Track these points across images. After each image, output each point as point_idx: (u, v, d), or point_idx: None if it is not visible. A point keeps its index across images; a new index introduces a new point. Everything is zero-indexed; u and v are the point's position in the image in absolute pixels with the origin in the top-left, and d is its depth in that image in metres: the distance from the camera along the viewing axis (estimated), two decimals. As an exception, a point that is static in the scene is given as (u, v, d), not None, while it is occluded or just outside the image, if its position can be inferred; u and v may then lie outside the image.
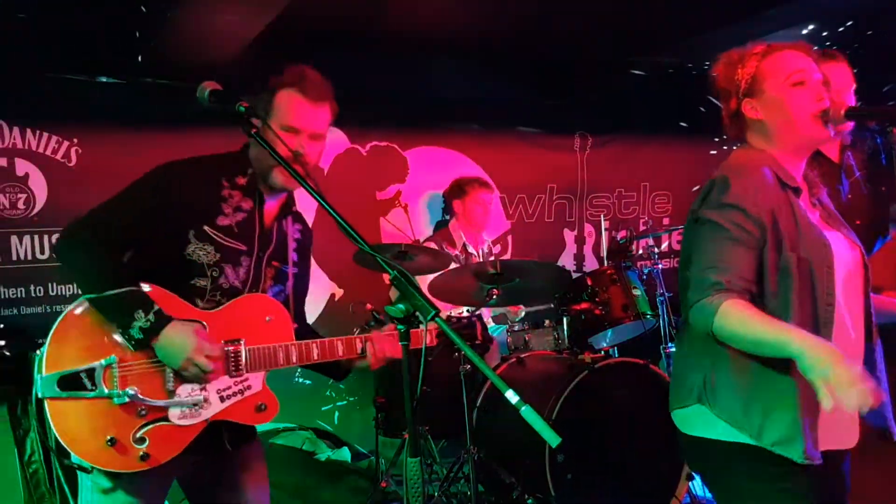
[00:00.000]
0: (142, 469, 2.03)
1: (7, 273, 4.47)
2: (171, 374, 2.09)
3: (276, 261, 2.33)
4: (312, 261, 2.56)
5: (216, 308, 2.18)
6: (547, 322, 4.68)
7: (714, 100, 2.18)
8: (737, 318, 1.85)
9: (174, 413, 2.08)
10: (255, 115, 2.12)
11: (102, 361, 2.03)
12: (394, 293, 1.88)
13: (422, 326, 1.78)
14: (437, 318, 1.73)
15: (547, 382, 3.91)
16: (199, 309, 2.16)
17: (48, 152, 4.60)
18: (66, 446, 2.01)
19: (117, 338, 2.05)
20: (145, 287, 2.08)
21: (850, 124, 2.63)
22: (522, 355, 4.36)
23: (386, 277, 2.02)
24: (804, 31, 5.03)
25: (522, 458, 3.79)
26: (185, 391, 2.10)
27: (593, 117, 6.44)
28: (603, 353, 4.49)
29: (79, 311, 2.07)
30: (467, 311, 2.65)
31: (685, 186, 1.95)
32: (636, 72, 5.82)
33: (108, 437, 2.00)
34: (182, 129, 4.62)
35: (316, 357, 2.27)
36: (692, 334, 2.08)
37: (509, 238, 6.22)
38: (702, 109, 2.20)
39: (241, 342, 2.17)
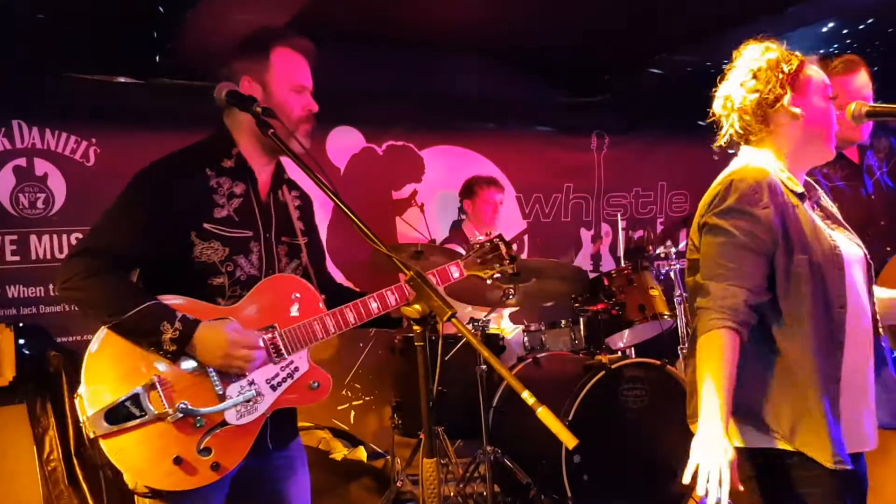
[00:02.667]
0: (215, 479, 1.98)
1: (26, 272, 4.50)
2: (217, 377, 2.02)
3: (285, 236, 2.25)
4: (328, 257, 2.51)
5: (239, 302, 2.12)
6: (563, 322, 4.67)
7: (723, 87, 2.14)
8: (707, 353, 1.88)
9: (231, 415, 2.02)
10: (271, 116, 2.08)
11: (144, 384, 1.96)
12: (411, 293, 1.88)
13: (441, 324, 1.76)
14: (453, 319, 1.72)
15: (563, 383, 3.89)
16: (224, 306, 2.09)
17: (67, 152, 4.63)
18: (134, 480, 1.97)
19: (151, 357, 1.98)
20: (166, 298, 2.01)
21: (870, 125, 2.62)
22: (539, 355, 4.35)
23: (402, 277, 2.00)
24: (824, 29, 4.98)
25: (539, 458, 3.78)
26: (235, 390, 2.03)
27: (610, 116, 6.41)
28: (620, 353, 4.47)
29: (101, 344, 1.99)
30: (486, 236, 2.53)
31: (703, 186, 1.92)
32: (653, 70, 5.78)
33: (174, 458, 1.94)
34: (200, 129, 4.61)
35: (353, 321, 2.18)
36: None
37: (525, 237, 6.20)
38: (713, 109, 2.17)
39: (275, 327, 2.10)
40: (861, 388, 1.99)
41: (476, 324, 4.22)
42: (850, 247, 2.05)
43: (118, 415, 1.93)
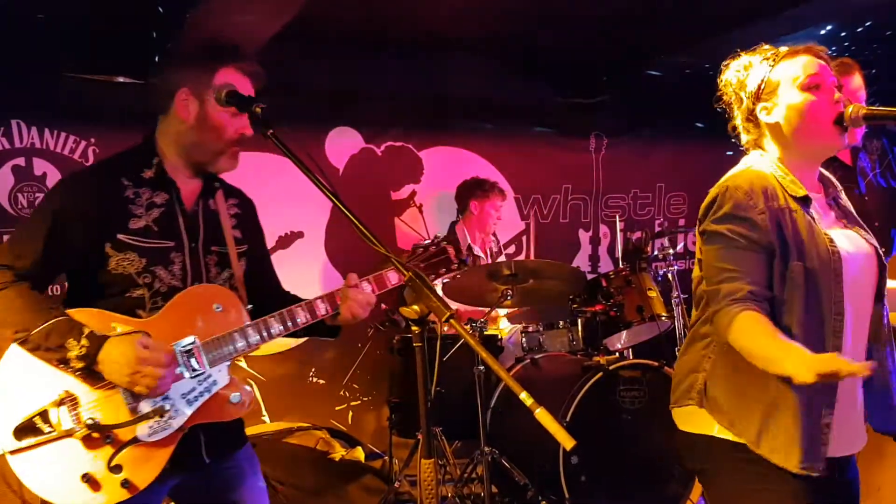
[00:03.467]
0: (125, 498, 1.92)
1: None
2: (128, 392, 1.95)
3: (215, 245, 2.18)
4: (326, 258, 2.45)
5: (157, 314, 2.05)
6: (561, 323, 4.67)
7: (725, 107, 2.16)
8: (746, 333, 1.86)
9: (143, 431, 1.94)
10: (271, 119, 2.06)
11: (53, 400, 1.92)
12: (409, 294, 1.87)
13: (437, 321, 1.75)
14: (452, 320, 1.73)
15: (561, 384, 3.90)
16: (142, 319, 2.02)
17: (66, 152, 4.63)
18: (45, 498, 1.91)
19: (62, 372, 1.93)
20: (79, 313, 1.96)
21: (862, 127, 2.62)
22: (536, 356, 4.35)
23: (401, 278, 2.00)
24: (822, 32, 4.99)
25: (536, 459, 3.79)
26: (148, 405, 1.95)
27: (609, 118, 6.42)
28: (617, 354, 4.47)
29: (10, 360, 1.95)
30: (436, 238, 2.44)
31: (701, 187, 1.93)
32: (652, 72, 5.79)
33: (82, 475, 1.89)
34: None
35: (277, 332, 2.09)
36: (696, 335, 2.09)
37: (524, 239, 6.21)
38: (718, 110, 2.17)
39: (194, 340, 2.02)
40: (850, 393, 1.98)
41: (474, 325, 4.23)
42: (858, 245, 2.03)
43: (27, 431, 1.90)
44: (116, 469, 1.92)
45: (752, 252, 1.93)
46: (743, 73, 2.08)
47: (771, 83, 2.03)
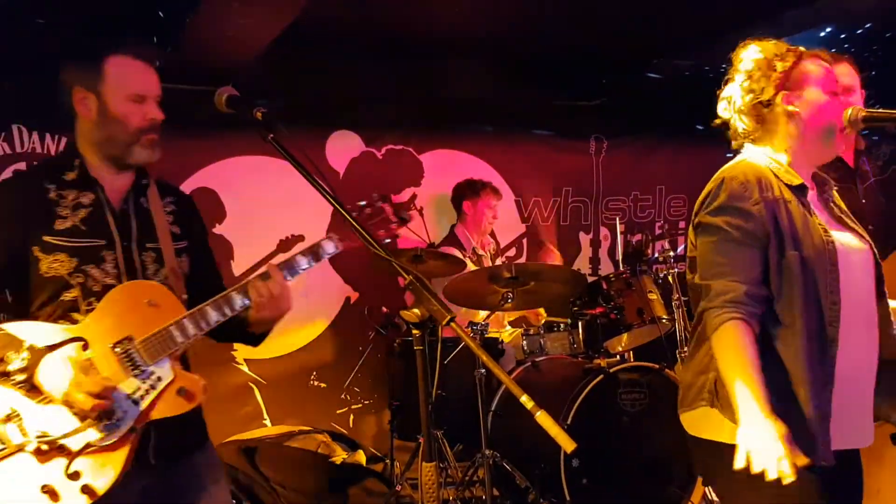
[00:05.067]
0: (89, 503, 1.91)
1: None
2: None
3: (150, 242, 2.15)
4: (326, 261, 2.41)
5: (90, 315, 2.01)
6: (562, 326, 4.67)
7: (732, 86, 2.13)
8: (725, 346, 1.89)
9: (94, 436, 1.93)
10: (272, 122, 2.05)
11: (1, 416, 1.90)
12: (410, 297, 1.88)
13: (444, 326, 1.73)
14: (453, 324, 1.73)
15: (562, 387, 3.90)
16: (77, 324, 2.00)
17: (67, 156, 4.64)
18: None
19: (6, 386, 1.91)
20: (14, 326, 1.95)
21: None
22: (537, 359, 4.35)
23: (401, 281, 1.99)
24: (822, 34, 4.99)
25: (538, 462, 3.79)
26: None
27: (609, 120, 6.42)
28: (618, 357, 4.47)
29: None
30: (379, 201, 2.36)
31: (701, 189, 1.93)
32: (652, 74, 5.79)
33: (41, 486, 1.88)
34: (200, 134, 4.65)
35: (214, 319, 2.04)
36: (701, 337, 2.08)
37: (524, 241, 6.21)
38: (718, 112, 2.17)
39: (131, 338, 1.99)
40: (858, 385, 1.99)
41: (475, 327, 4.23)
42: (852, 243, 2.04)
43: None
44: (74, 476, 1.91)
45: (747, 247, 1.94)
46: (771, 55, 2.07)
47: (799, 75, 2.04)
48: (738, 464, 1.79)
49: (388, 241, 2.26)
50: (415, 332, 1.84)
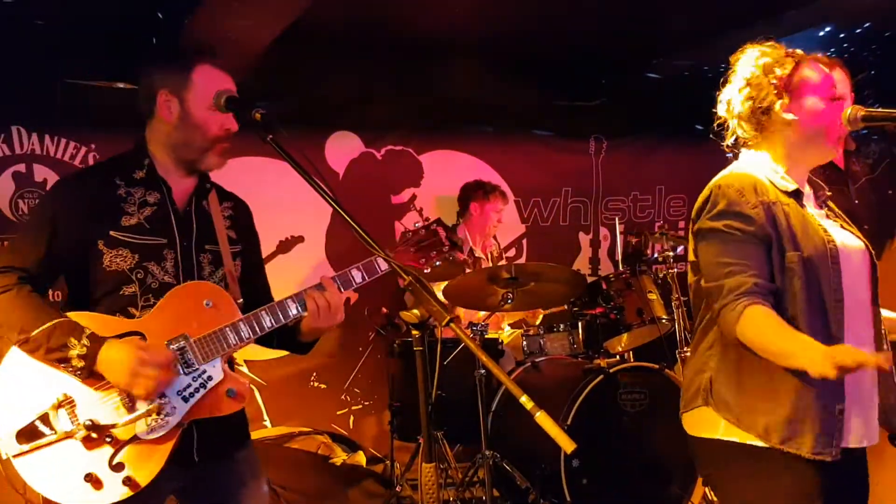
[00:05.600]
0: (128, 496, 1.95)
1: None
2: (125, 392, 1.99)
3: (209, 244, 2.21)
4: (327, 262, 2.43)
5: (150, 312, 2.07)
6: (562, 326, 4.67)
7: (729, 91, 2.14)
8: (756, 327, 1.87)
9: (141, 429, 1.98)
10: (271, 123, 2.07)
11: (52, 402, 1.97)
12: (410, 298, 1.88)
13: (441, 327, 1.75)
14: (452, 324, 1.73)
15: (562, 387, 3.90)
16: (135, 319, 2.06)
17: (66, 158, 4.64)
18: (50, 498, 1.95)
19: (61, 374, 1.98)
20: (76, 315, 2.01)
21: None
22: (537, 360, 4.35)
23: (401, 282, 1.99)
24: (821, 34, 4.99)
25: (538, 462, 3.79)
26: (144, 404, 1.99)
27: (608, 120, 6.42)
28: (618, 357, 4.47)
29: (9, 363, 2.01)
30: (427, 222, 2.33)
31: (701, 190, 1.93)
32: (651, 74, 5.79)
33: (84, 474, 1.93)
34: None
35: (268, 325, 2.10)
36: (701, 338, 2.10)
37: (524, 242, 6.21)
38: (718, 112, 2.17)
39: (186, 336, 2.04)
40: (862, 382, 1.99)
41: (474, 328, 4.23)
42: (851, 242, 2.05)
43: (29, 434, 1.95)
44: (118, 467, 1.95)
45: (752, 244, 1.95)
46: (770, 61, 2.07)
47: (797, 82, 2.05)
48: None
49: (438, 263, 2.30)
50: (414, 332, 1.85)
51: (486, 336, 4.40)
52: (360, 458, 4.82)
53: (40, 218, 2.12)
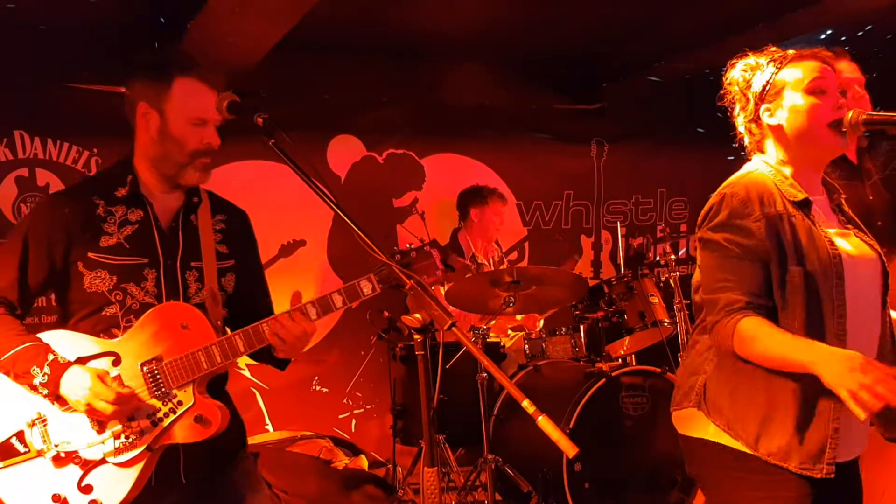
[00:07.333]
0: None
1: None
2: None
3: (196, 261, 2.15)
4: (329, 266, 2.37)
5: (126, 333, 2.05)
6: (564, 330, 4.67)
7: (727, 105, 2.16)
8: (753, 336, 1.86)
9: (108, 452, 1.97)
10: (273, 127, 2.04)
11: (27, 420, 1.98)
12: (411, 302, 1.88)
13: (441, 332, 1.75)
14: (454, 328, 1.73)
15: (564, 391, 3.89)
16: (116, 338, 2.04)
17: (69, 162, 4.64)
18: None
19: (33, 394, 1.98)
20: (52, 335, 2.01)
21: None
22: (539, 363, 4.35)
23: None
24: (822, 37, 4.99)
25: (540, 466, 3.78)
26: (111, 426, 1.98)
27: (610, 124, 6.42)
28: (620, 360, 4.46)
29: None
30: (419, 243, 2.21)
31: (702, 192, 1.93)
32: (652, 78, 5.80)
33: (52, 494, 1.93)
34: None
35: (242, 349, 2.03)
36: (698, 341, 2.10)
37: (526, 245, 6.21)
38: (719, 115, 2.18)
39: (160, 359, 2.01)
40: None
41: (476, 332, 4.22)
42: (860, 252, 2.02)
43: (6, 451, 1.96)
44: (87, 489, 1.95)
45: (748, 261, 1.94)
46: (749, 72, 2.08)
47: (776, 85, 2.03)
48: (858, 415, 1.69)
49: (431, 287, 2.24)
50: (416, 336, 1.84)
51: (487, 340, 4.40)
52: (362, 462, 4.81)
53: (14, 241, 2.07)
